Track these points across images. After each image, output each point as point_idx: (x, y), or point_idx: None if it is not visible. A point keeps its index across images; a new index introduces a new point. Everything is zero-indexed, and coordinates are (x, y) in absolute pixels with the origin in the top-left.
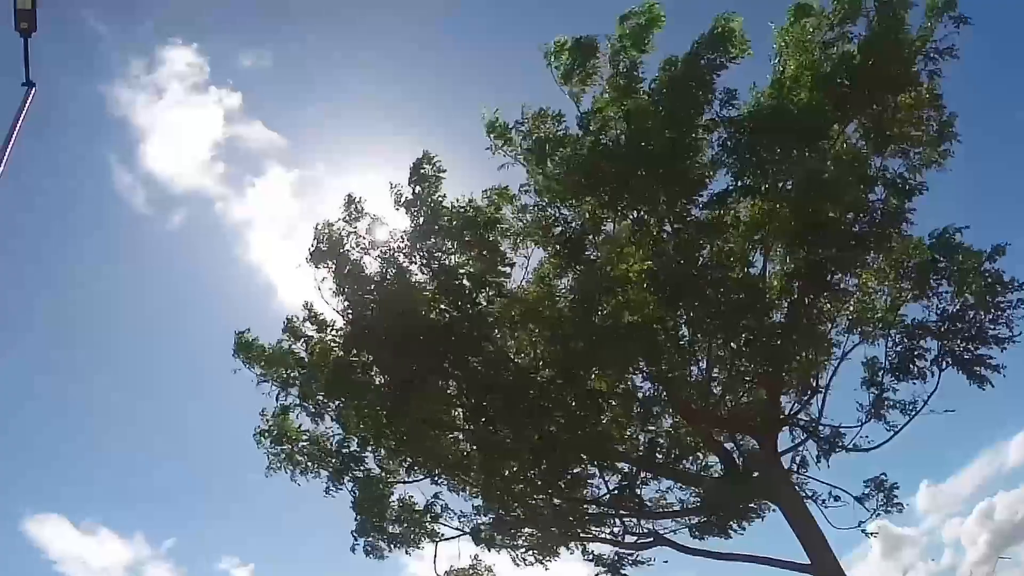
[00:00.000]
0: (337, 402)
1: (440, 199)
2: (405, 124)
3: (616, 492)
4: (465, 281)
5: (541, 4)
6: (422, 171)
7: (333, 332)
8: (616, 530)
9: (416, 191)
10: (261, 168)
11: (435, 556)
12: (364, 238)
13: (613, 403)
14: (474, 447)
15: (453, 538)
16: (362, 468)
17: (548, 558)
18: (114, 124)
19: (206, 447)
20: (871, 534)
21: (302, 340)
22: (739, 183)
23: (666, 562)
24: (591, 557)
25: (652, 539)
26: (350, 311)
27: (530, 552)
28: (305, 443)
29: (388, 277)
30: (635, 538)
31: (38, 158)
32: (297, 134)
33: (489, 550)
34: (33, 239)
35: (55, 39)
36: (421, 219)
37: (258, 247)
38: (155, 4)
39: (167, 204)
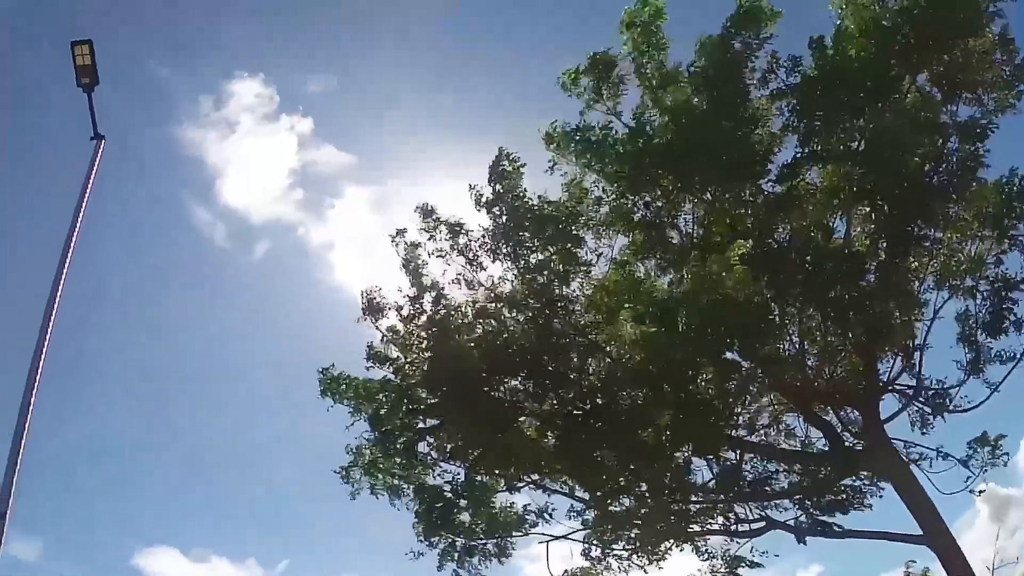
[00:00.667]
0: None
1: (521, 194)
2: (473, 129)
3: (721, 479)
4: (552, 276)
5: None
6: (501, 168)
7: (418, 354)
8: (727, 520)
9: (496, 189)
10: (337, 190)
11: (547, 557)
12: (443, 248)
13: (711, 394)
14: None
15: (562, 538)
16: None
17: (657, 559)
18: (188, 164)
19: (309, 469)
20: (980, 492)
21: (388, 364)
22: (807, 150)
23: (777, 556)
24: (705, 555)
25: (765, 524)
26: (431, 343)
27: (637, 555)
28: (398, 471)
29: (471, 287)
30: (747, 526)
31: (115, 208)
32: (368, 152)
33: (604, 556)
34: (118, 287)
35: (120, 89)
36: (504, 217)
37: (342, 267)
38: (217, 41)
39: (248, 236)
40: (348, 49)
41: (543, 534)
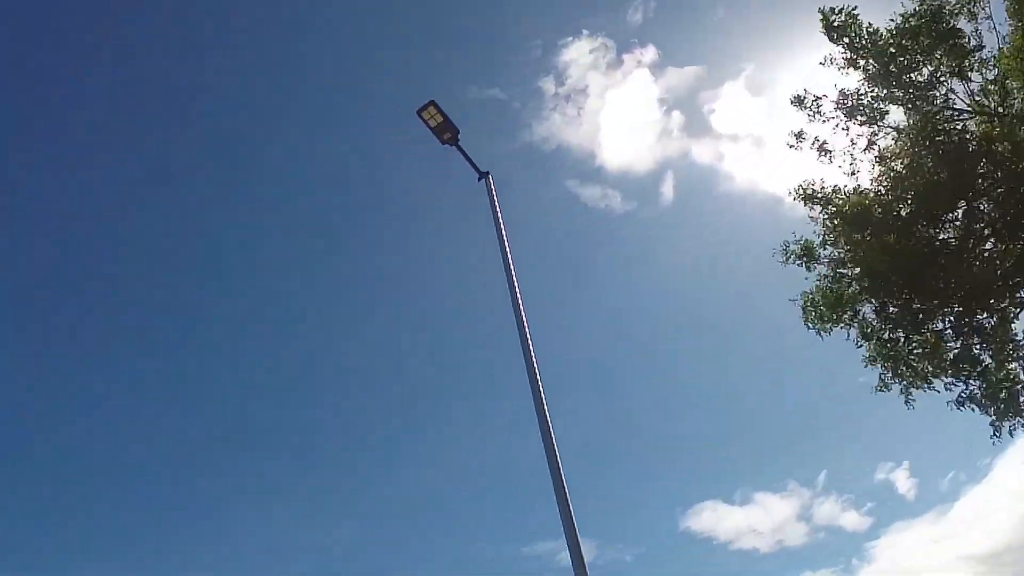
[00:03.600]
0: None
1: (872, 35)
2: None
3: None
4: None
5: None
6: (836, 28)
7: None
8: None
9: (846, 44)
10: (706, 100)
11: None
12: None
13: None
14: None
15: None
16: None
17: None
18: (559, 155)
19: (815, 379)
20: None
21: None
22: None
23: None
24: None
25: None
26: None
27: None
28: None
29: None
30: None
31: (520, 230)
32: (715, 53)
33: None
34: (553, 293)
35: (470, 127)
36: (870, 64)
37: (745, 171)
38: (523, 31)
39: (646, 187)
40: None
41: None
